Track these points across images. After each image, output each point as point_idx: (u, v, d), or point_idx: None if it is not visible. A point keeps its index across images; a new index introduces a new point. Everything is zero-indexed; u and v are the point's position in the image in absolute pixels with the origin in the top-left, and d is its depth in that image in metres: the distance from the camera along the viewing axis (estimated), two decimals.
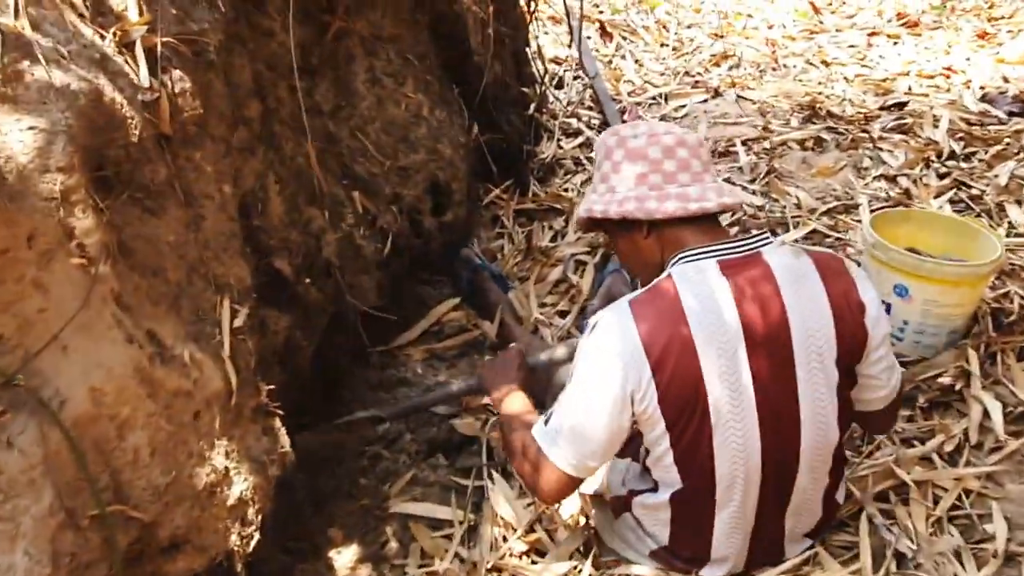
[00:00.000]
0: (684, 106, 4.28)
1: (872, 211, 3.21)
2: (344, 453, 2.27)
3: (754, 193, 3.41)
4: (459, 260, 2.91)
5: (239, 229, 1.80)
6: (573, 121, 3.95)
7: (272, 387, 1.70)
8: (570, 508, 2.07)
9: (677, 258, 1.61)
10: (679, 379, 1.53)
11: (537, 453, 1.63)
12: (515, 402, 1.91)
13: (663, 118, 4.15)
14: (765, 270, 1.58)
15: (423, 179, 2.73)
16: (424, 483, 2.21)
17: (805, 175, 3.53)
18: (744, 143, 3.80)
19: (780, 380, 1.58)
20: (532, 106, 3.71)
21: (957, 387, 2.34)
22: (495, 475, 2.16)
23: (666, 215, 1.61)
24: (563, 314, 2.79)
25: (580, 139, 3.85)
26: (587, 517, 2.05)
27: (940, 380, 2.36)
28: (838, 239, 3.10)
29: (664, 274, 1.61)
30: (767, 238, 1.64)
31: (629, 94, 4.38)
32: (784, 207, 3.28)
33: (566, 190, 3.49)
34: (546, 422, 1.64)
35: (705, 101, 4.34)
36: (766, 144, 3.78)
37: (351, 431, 2.21)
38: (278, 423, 1.72)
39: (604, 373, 1.54)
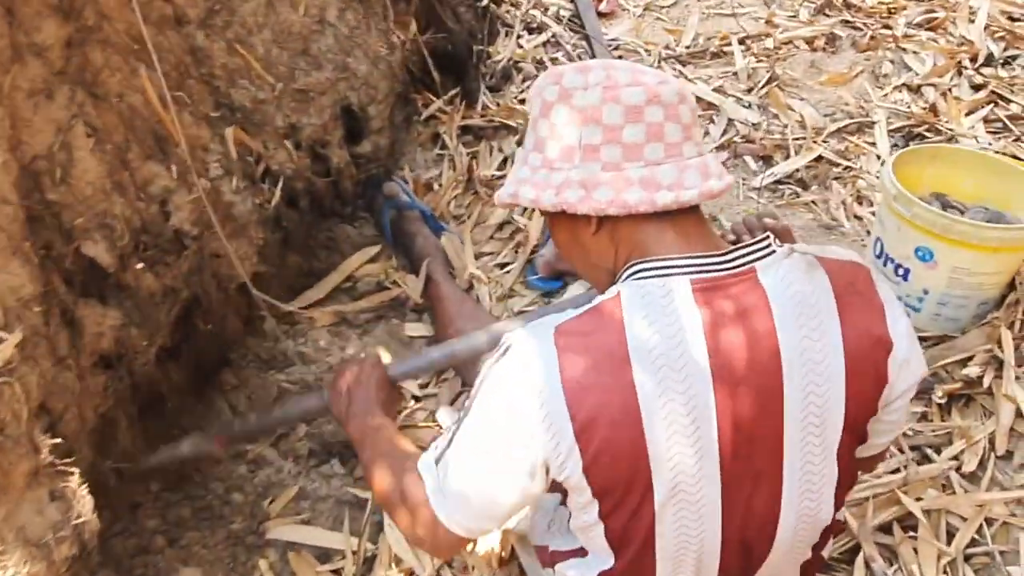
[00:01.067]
0: None
1: (890, 132, 2.73)
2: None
3: (749, 106, 2.91)
4: (381, 196, 2.45)
5: (19, 213, 1.34)
6: (538, 13, 3.39)
7: (57, 440, 1.28)
8: (489, 544, 1.69)
9: (634, 269, 1.17)
10: (613, 448, 1.12)
11: (423, 502, 1.23)
12: (376, 430, 1.48)
13: (647, 7, 3.59)
14: (758, 296, 1.15)
15: (330, 103, 2.23)
16: (314, 497, 1.83)
17: (813, 83, 3.02)
18: (742, 41, 3.26)
19: (761, 449, 1.17)
20: None
21: (986, 381, 1.92)
22: None
23: (623, 210, 1.17)
24: (505, 267, 2.35)
25: (544, 36, 3.31)
26: (509, 556, 1.68)
27: (965, 371, 1.94)
28: (847, 168, 2.63)
29: (612, 290, 1.17)
30: (767, 246, 1.19)
31: None
32: (785, 126, 2.80)
33: (523, 101, 2.99)
34: (437, 460, 1.23)
35: None
36: (768, 43, 3.24)
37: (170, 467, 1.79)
38: (74, 483, 1.30)
39: (509, 429, 1.14)
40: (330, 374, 2.02)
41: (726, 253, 1.16)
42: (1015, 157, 2.59)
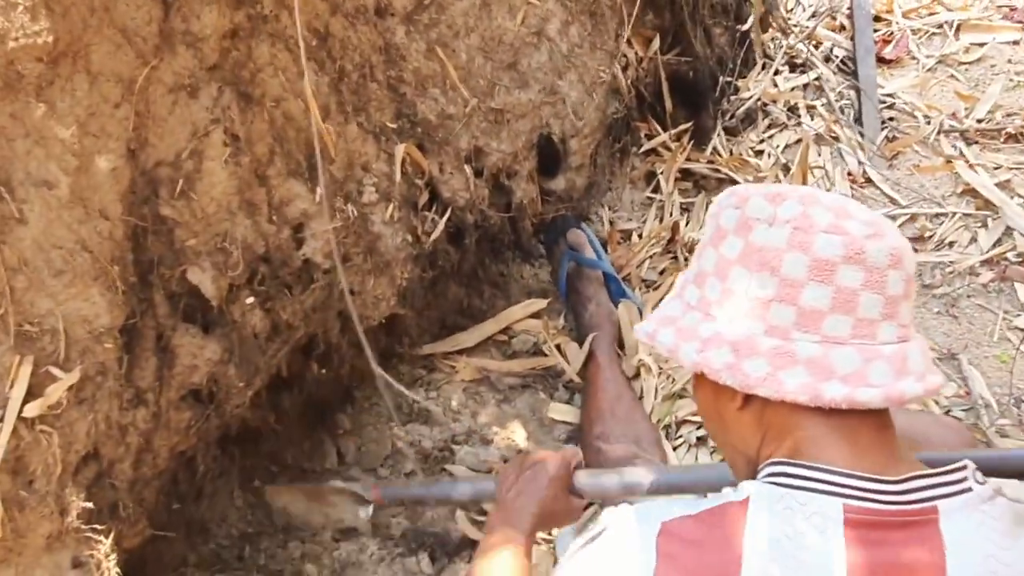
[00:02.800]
0: (981, 46, 3.23)
1: None
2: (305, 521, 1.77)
3: None
4: (564, 242, 2.24)
5: (116, 231, 1.24)
6: (806, 48, 3.04)
7: (88, 504, 1.17)
8: None
9: (777, 470, 0.96)
10: None
11: None
12: (507, 535, 1.30)
13: (942, 60, 3.15)
14: (932, 551, 0.90)
15: (527, 129, 2.05)
16: None
17: None
18: None
19: None
20: (750, 19, 2.85)
21: None
22: None
23: (776, 395, 0.95)
24: None
25: (806, 78, 2.96)
26: None
27: None
28: None
29: (743, 490, 0.96)
30: (962, 479, 0.94)
31: (905, 15, 3.36)
32: None
33: (760, 153, 2.68)
34: None
35: (1016, 43, 3.26)
36: None
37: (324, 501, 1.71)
38: (101, 551, 1.19)
39: None
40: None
41: (902, 481, 0.92)
42: None
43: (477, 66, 1.96)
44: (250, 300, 1.45)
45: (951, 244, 2.42)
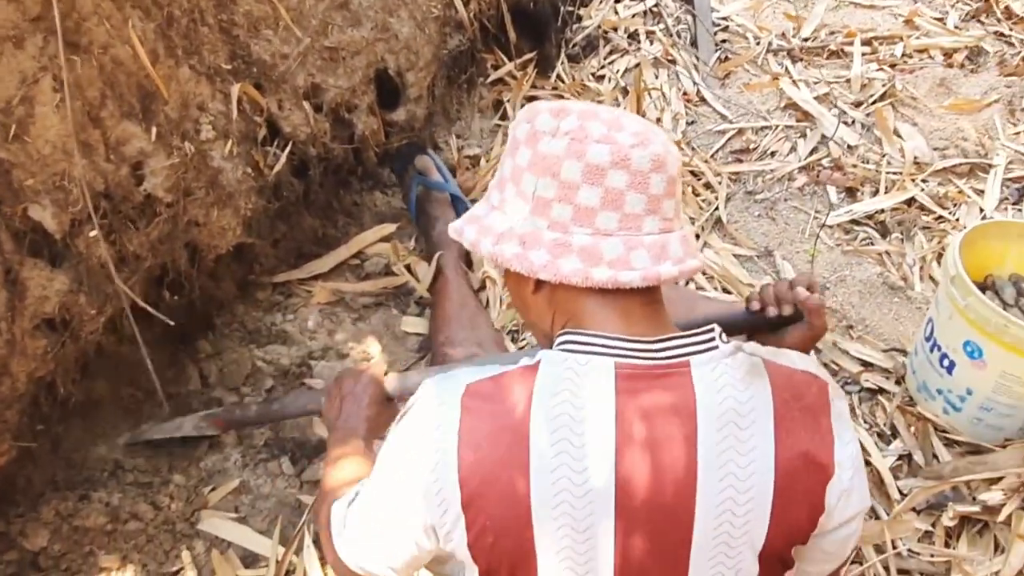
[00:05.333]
0: None
1: (1007, 181, 2.53)
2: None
3: (852, 123, 2.73)
4: (413, 168, 2.43)
5: None
6: None
7: None
8: None
9: (564, 339, 1.16)
10: (498, 526, 1.12)
11: (329, 531, 1.33)
12: (348, 452, 1.53)
13: None
14: (684, 395, 1.11)
15: (362, 65, 2.21)
16: (256, 494, 1.87)
17: (935, 106, 2.80)
18: (868, 42, 3.05)
19: (661, 550, 1.13)
20: None
21: (1007, 510, 1.78)
22: None
23: (555, 278, 1.14)
24: None
25: (644, 5, 3.17)
26: None
27: (986, 495, 1.81)
28: (940, 219, 2.45)
29: (537, 356, 1.16)
30: (710, 339, 1.15)
31: None
32: (884, 156, 2.61)
33: (601, 78, 2.89)
34: (351, 502, 1.30)
35: None
36: (898, 47, 3.02)
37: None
38: None
39: (402, 492, 1.16)
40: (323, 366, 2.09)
41: (660, 341, 1.13)
42: None
43: (308, 6, 2.11)
44: (93, 233, 1.61)
45: (773, 154, 2.68)
